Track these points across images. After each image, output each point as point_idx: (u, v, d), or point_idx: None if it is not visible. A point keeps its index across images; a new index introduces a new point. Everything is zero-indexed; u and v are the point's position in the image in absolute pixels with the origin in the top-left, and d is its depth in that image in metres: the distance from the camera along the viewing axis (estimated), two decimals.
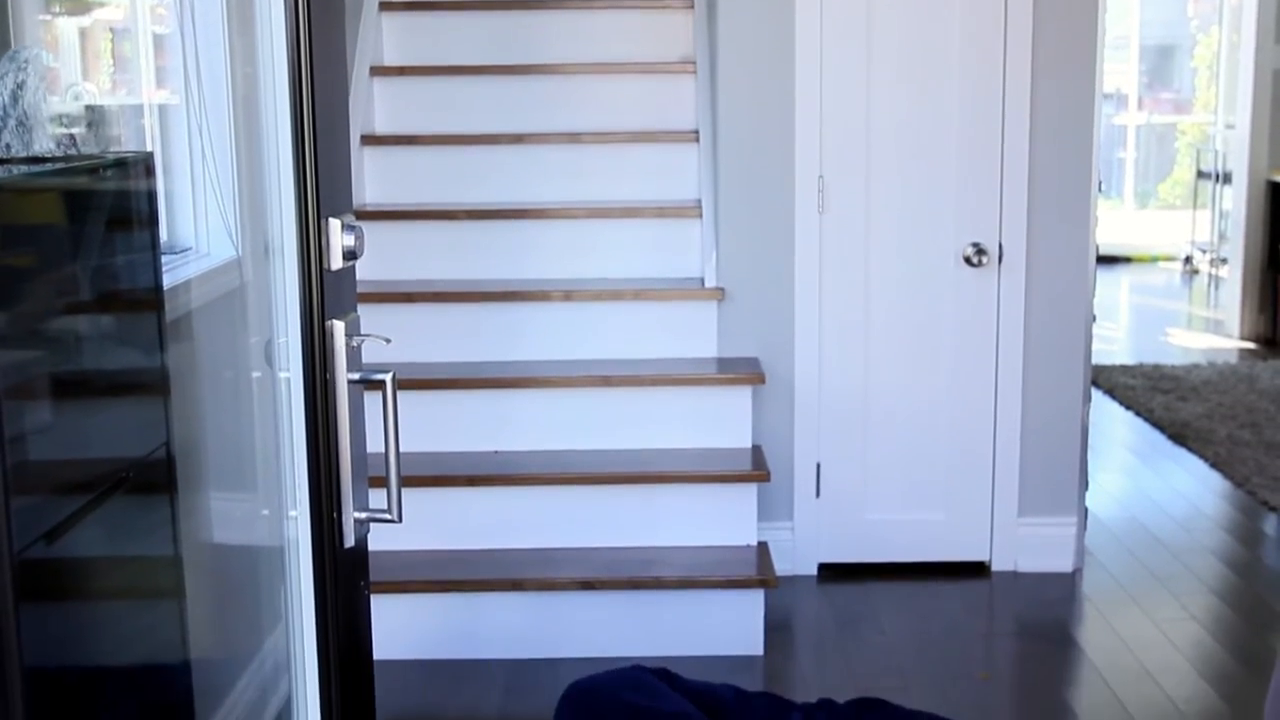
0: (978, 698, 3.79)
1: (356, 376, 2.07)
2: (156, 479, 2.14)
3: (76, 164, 2.08)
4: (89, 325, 1.97)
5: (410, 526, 3.88)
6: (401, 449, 2.18)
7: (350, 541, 2.13)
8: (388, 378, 2.09)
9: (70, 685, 1.86)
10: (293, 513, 2.11)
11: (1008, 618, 4.54)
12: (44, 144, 1.97)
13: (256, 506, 2.33)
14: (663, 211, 4.81)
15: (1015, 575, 4.80)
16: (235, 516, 2.65)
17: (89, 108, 2.51)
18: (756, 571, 4.12)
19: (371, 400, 2.12)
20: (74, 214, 1.91)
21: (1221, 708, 3.73)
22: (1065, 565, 4.82)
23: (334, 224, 2.01)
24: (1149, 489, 5.88)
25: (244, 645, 2.59)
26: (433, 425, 4.38)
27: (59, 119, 2.11)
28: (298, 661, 2.21)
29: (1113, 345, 8.85)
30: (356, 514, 2.12)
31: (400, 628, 4.03)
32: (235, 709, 2.54)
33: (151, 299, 2.11)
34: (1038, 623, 4.42)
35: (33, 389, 1.72)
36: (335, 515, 2.09)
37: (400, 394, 2.22)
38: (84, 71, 2.72)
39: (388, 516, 2.12)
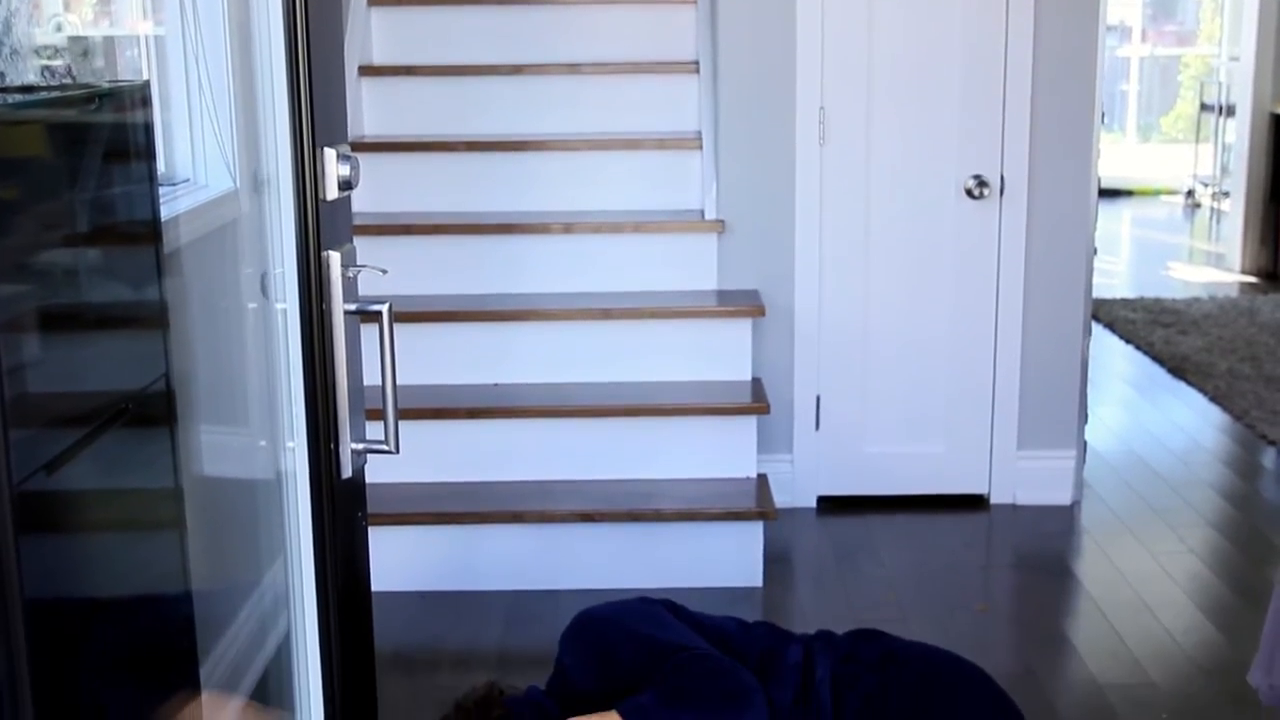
0: (975, 629, 3.81)
1: (353, 307, 2.06)
2: (156, 411, 2.13)
3: (72, 93, 2.06)
4: (86, 258, 1.95)
5: (410, 459, 3.88)
6: (400, 382, 2.17)
7: (348, 472, 2.12)
8: (384, 308, 2.08)
9: (71, 617, 1.86)
10: (290, 444, 2.10)
11: (1006, 550, 4.56)
12: (35, 75, 1.96)
13: (254, 438, 2.33)
14: (663, 143, 4.78)
15: (1014, 508, 4.81)
16: (233, 449, 2.65)
17: (75, 39, 2.49)
18: (756, 504, 4.13)
19: (369, 336, 2.12)
20: (70, 144, 1.89)
21: (1218, 639, 3.75)
22: (1064, 498, 4.84)
23: (329, 154, 1.99)
24: (1148, 422, 5.89)
25: (243, 578, 2.60)
26: (432, 358, 4.37)
27: (43, 50, 2.09)
28: (296, 593, 2.22)
29: (1113, 279, 8.84)
30: (354, 445, 2.12)
31: (400, 560, 4.05)
32: (236, 641, 2.55)
33: (149, 231, 2.10)
34: (1036, 555, 4.43)
35: (31, 322, 1.71)
36: (332, 446, 2.09)
37: (399, 327, 2.22)
38: (66, 3, 2.69)
39: (385, 448, 2.12)
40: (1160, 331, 7.23)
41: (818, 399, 4.78)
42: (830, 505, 4.84)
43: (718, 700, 2.49)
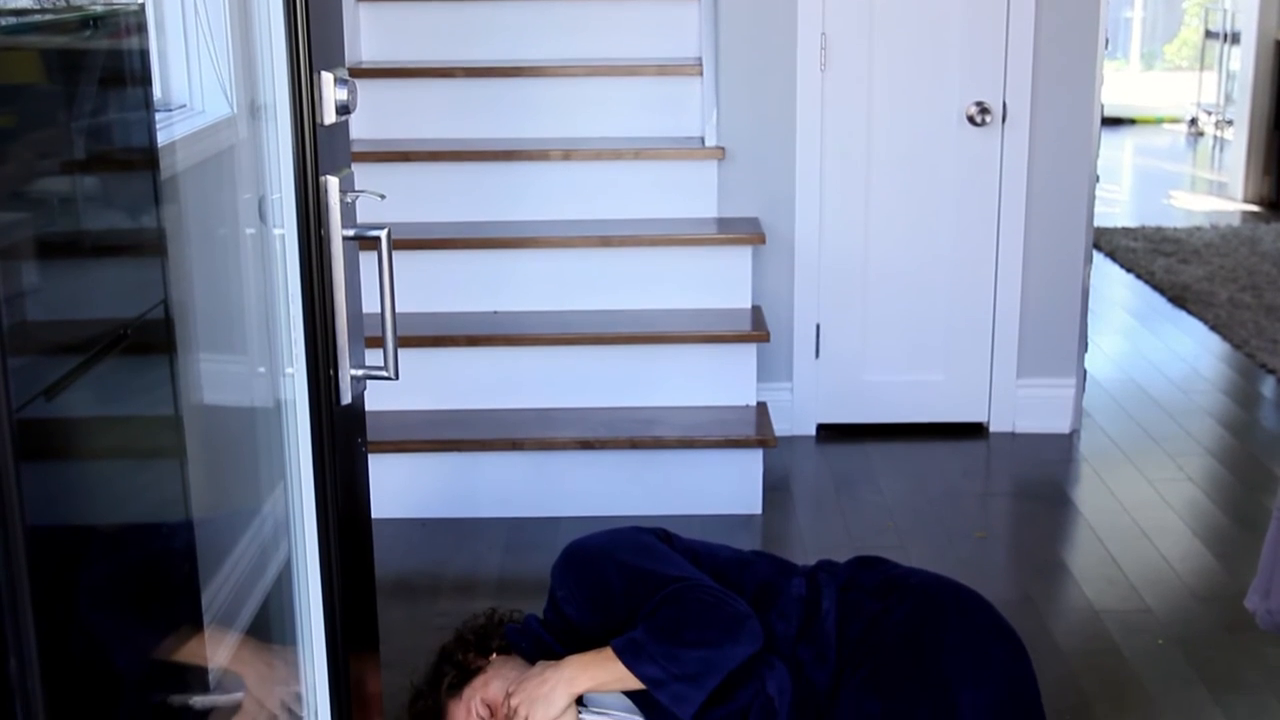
0: (974, 556, 3.83)
1: (351, 233, 2.05)
2: (154, 338, 2.13)
3: (66, 17, 2.04)
4: (83, 185, 1.94)
5: (409, 387, 3.89)
6: (399, 310, 2.17)
7: (347, 398, 2.12)
8: (383, 233, 2.06)
9: (73, 544, 1.86)
10: (289, 370, 2.10)
11: (1004, 478, 4.57)
12: None
13: (253, 365, 2.32)
14: (663, 69, 4.75)
15: (1013, 436, 4.82)
16: (232, 376, 2.64)
17: None
18: (755, 431, 4.14)
19: (368, 264, 2.11)
20: (65, 70, 1.87)
21: (1215, 566, 3.77)
22: (1063, 426, 4.84)
23: (326, 77, 1.97)
24: (1148, 351, 5.89)
25: (244, 505, 2.60)
26: (431, 285, 4.36)
27: None
28: (297, 520, 2.22)
29: (1115, 207, 8.81)
30: (353, 371, 2.11)
31: (400, 487, 4.06)
32: (237, 568, 2.56)
33: (146, 158, 2.08)
34: (1034, 483, 4.45)
35: (29, 250, 1.70)
36: (332, 372, 2.08)
37: (397, 254, 2.21)
38: None
39: (384, 374, 2.11)
40: (1161, 260, 7.21)
41: (817, 327, 4.78)
42: (830, 433, 4.85)
43: (712, 630, 2.50)
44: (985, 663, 2.46)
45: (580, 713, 2.62)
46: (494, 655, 2.74)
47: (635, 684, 2.52)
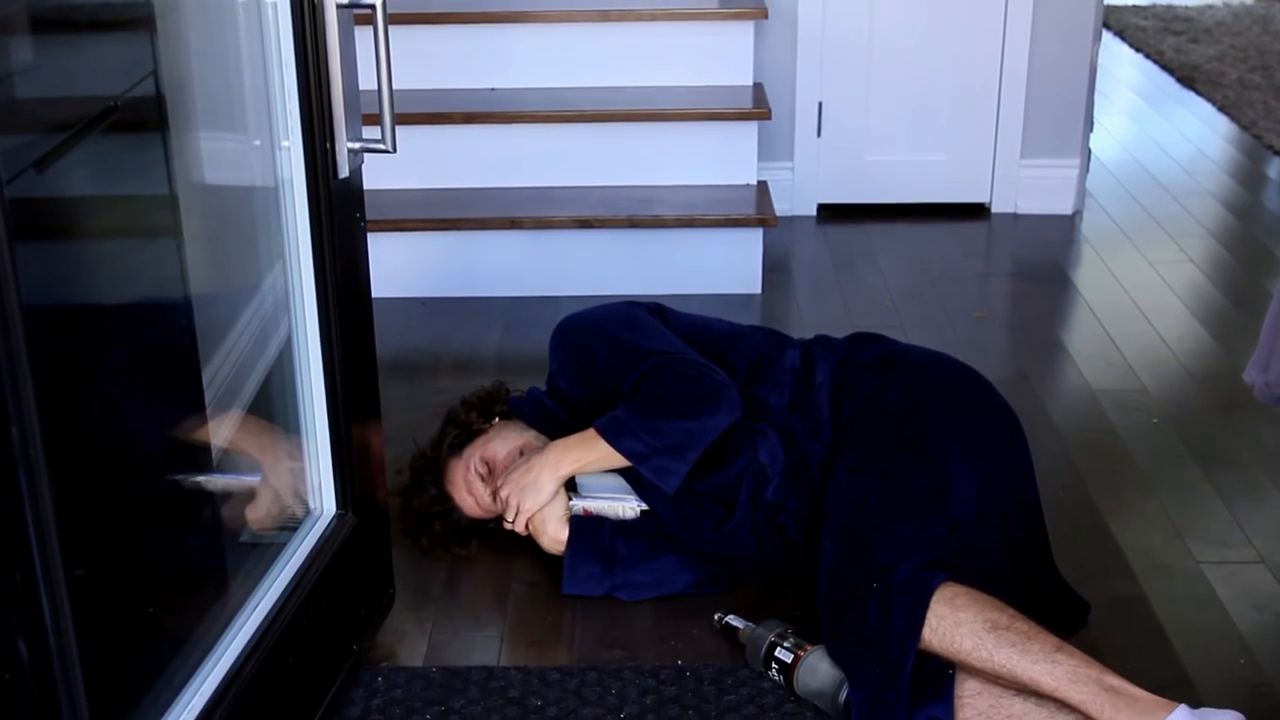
0: (972, 336, 3.84)
1: (345, 1, 2.00)
2: (146, 114, 2.10)
3: None
4: None
5: (407, 165, 3.84)
6: (396, 87, 2.13)
7: (344, 172, 2.10)
8: (377, 3, 2.02)
9: (71, 324, 1.86)
10: (285, 143, 2.07)
11: (1005, 259, 4.56)
12: None
13: (249, 140, 2.29)
14: None
15: (1015, 217, 4.80)
16: (228, 152, 2.61)
17: None
18: (756, 210, 4.11)
19: (364, 42, 2.07)
20: None
21: (1213, 347, 3.78)
22: (1065, 207, 4.81)
23: None
24: (1154, 132, 5.82)
25: (243, 284, 2.59)
26: (427, 62, 4.28)
27: None
28: (296, 297, 2.22)
29: None
30: (350, 144, 2.09)
31: (399, 266, 4.04)
32: (237, 346, 2.56)
33: None
34: (1035, 264, 4.44)
35: (16, 25, 1.66)
36: (328, 145, 2.06)
37: (393, 29, 2.16)
38: None
39: (381, 146, 2.09)
40: (1171, 39, 7.08)
41: (820, 105, 4.71)
42: (830, 213, 4.82)
43: (690, 402, 2.52)
44: (979, 438, 2.49)
45: (571, 498, 2.66)
46: (497, 419, 2.78)
47: (620, 461, 2.55)
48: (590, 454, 2.58)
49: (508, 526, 2.68)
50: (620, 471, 2.61)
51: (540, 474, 2.61)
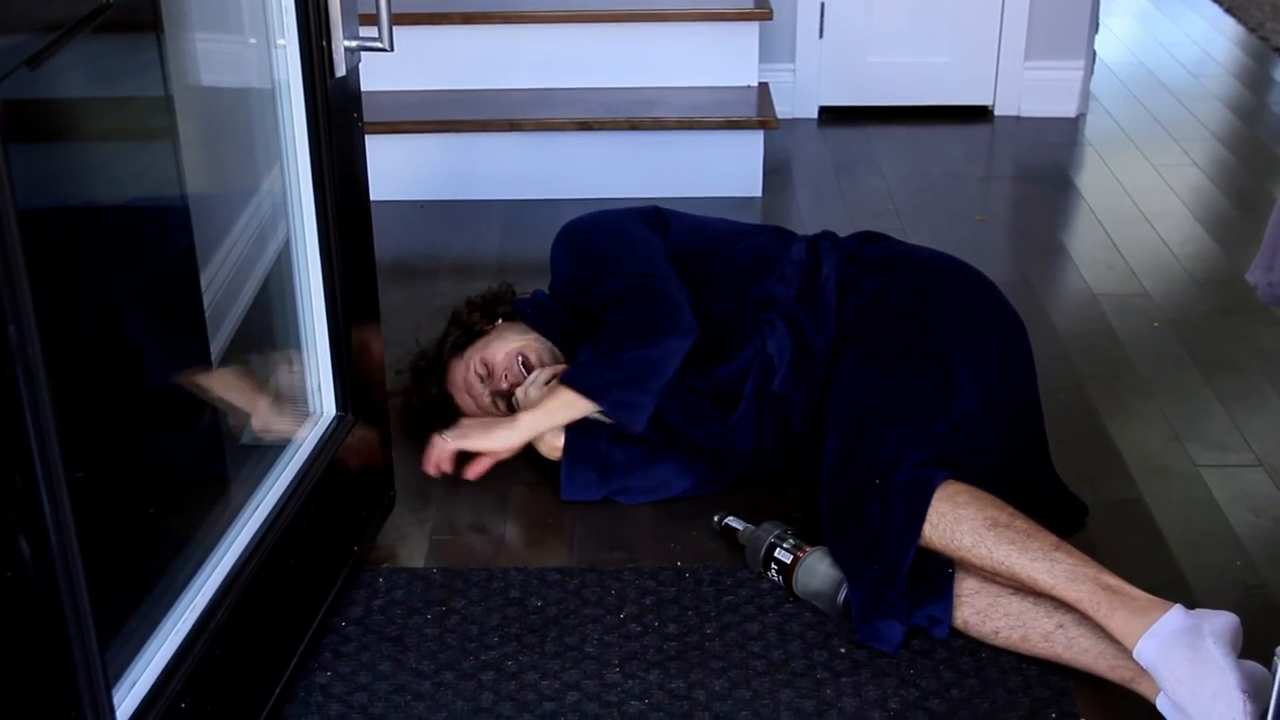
0: (974, 239, 3.82)
1: None
2: (141, 14, 2.07)
3: None
4: None
5: (405, 66, 3.79)
6: None
7: (341, 71, 2.08)
8: None
9: (67, 226, 1.85)
10: (281, 42, 2.05)
11: (1007, 162, 4.53)
12: None
13: (244, 39, 2.26)
14: None
15: (1018, 120, 4.76)
16: (223, 53, 2.58)
17: None
18: (756, 112, 4.08)
19: None
20: None
21: (1215, 251, 3.77)
22: (1069, 110, 4.77)
23: None
24: (1160, 34, 5.76)
25: (240, 186, 2.57)
26: None
27: None
28: (295, 199, 2.21)
29: None
30: (346, 42, 2.06)
31: (398, 169, 4.02)
32: (235, 248, 2.55)
33: None
34: (1037, 167, 4.41)
35: None
36: (325, 44, 2.03)
37: None
38: None
39: (379, 45, 2.06)
40: None
41: (822, 5, 4.66)
42: (832, 115, 4.78)
43: (643, 330, 2.53)
44: (982, 338, 2.49)
45: None
46: (500, 321, 2.79)
47: (591, 406, 2.55)
48: (564, 409, 2.57)
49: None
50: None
51: (516, 441, 2.61)
